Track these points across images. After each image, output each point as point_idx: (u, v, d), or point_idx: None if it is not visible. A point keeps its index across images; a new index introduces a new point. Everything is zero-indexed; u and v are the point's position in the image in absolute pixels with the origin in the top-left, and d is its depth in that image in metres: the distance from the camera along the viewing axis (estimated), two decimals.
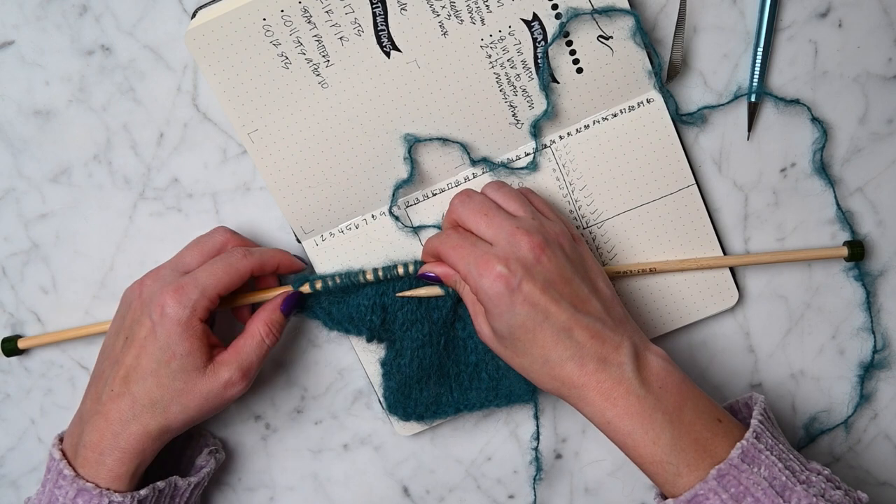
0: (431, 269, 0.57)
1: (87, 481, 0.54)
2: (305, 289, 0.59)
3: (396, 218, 0.61)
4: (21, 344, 0.63)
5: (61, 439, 0.58)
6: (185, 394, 0.55)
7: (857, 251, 0.61)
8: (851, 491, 0.51)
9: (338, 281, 0.58)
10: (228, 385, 0.55)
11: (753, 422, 0.51)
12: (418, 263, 0.58)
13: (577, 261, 0.54)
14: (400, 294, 0.59)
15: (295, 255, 0.61)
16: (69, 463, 0.55)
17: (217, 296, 0.55)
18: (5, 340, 0.63)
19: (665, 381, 0.51)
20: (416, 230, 0.61)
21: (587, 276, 0.54)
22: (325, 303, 0.60)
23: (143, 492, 0.55)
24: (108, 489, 0.54)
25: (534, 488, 0.64)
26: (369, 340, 0.61)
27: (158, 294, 0.54)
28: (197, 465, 0.61)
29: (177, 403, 0.55)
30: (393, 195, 0.60)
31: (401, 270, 0.58)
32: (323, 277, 0.59)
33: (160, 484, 0.56)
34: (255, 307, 0.60)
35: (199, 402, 0.55)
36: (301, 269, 0.60)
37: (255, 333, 0.57)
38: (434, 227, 0.61)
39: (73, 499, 0.54)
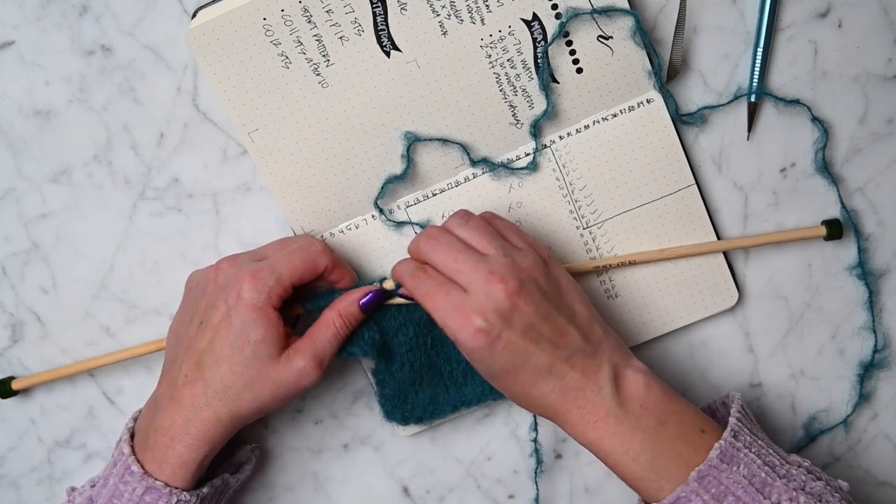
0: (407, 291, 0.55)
1: (156, 479, 0.54)
2: (389, 285, 0.57)
3: (381, 210, 0.61)
4: (15, 385, 0.62)
5: (132, 435, 0.57)
6: (258, 381, 0.54)
7: (834, 230, 0.60)
8: (832, 481, 0.51)
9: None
10: (302, 374, 0.54)
11: (731, 420, 0.52)
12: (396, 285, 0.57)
13: (553, 291, 0.53)
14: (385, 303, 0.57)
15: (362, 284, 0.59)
16: (137, 459, 0.55)
17: (291, 285, 0.54)
18: None
19: (645, 400, 0.52)
20: (398, 226, 0.61)
21: (563, 304, 0.53)
22: None
23: (204, 490, 0.55)
24: (176, 488, 0.54)
25: (535, 481, 0.64)
26: (374, 357, 0.59)
27: (235, 279, 0.54)
28: (235, 462, 0.61)
29: (249, 391, 0.54)
30: (382, 188, 0.60)
31: (389, 285, 0.57)
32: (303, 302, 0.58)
33: (216, 481, 0.57)
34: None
35: (272, 391, 0.54)
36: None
37: (330, 323, 0.55)
38: (419, 225, 0.61)
39: (141, 496, 0.53)
